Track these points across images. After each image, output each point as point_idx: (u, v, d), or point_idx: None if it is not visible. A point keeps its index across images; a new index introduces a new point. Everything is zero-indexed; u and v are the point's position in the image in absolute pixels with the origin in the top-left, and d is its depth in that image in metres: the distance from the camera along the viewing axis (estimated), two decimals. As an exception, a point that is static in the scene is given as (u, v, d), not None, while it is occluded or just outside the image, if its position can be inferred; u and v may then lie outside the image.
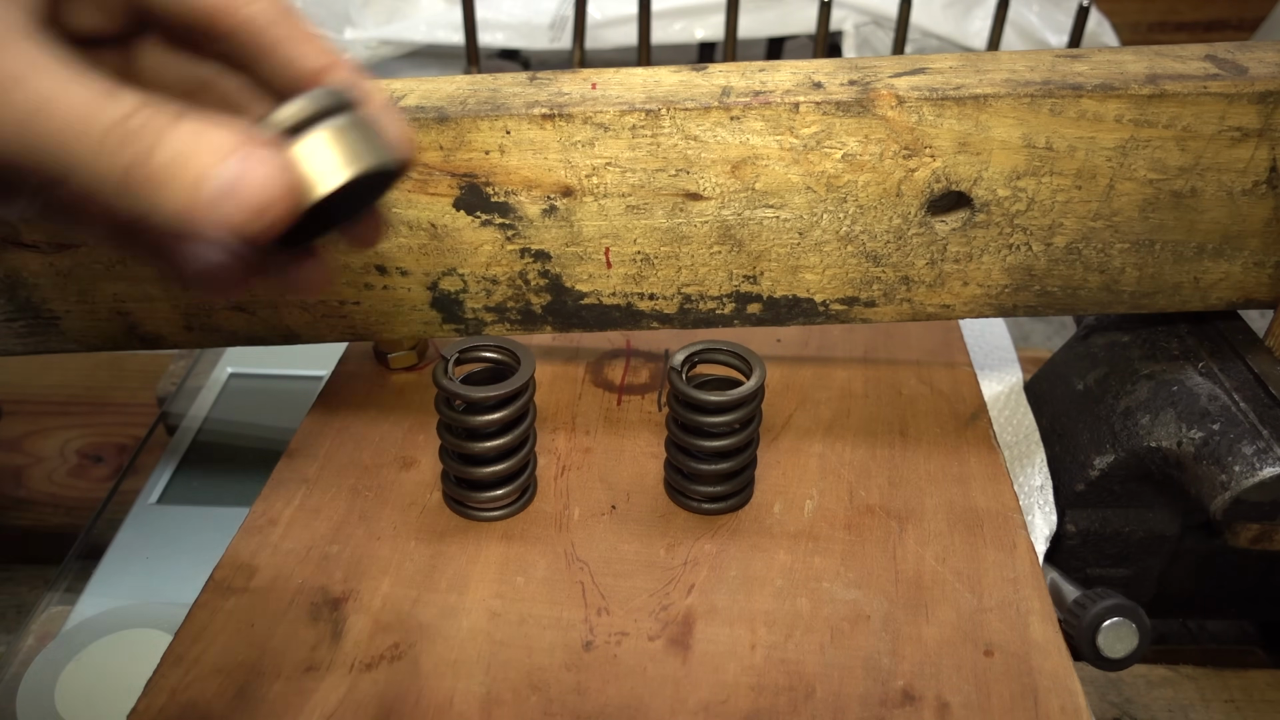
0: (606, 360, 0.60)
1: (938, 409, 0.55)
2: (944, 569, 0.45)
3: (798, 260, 0.49)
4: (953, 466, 0.51)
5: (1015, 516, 0.48)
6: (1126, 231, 0.49)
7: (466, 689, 0.40)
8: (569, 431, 0.54)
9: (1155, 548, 0.59)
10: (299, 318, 0.51)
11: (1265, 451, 0.47)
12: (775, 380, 0.57)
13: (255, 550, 0.46)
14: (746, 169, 0.47)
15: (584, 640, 0.42)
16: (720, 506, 0.48)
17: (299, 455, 0.52)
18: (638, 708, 0.39)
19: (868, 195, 0.47)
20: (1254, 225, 0.49)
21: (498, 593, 0.44)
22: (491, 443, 0.46)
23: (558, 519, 0.48)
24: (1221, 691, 0.63)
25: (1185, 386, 0.53)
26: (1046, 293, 0.51)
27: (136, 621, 0.62)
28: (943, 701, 0.39)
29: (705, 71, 0.48)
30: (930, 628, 0.42)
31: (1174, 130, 0.46)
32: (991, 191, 0.47)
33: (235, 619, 0.43)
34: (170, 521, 0.70)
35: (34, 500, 1.02)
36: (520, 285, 0.50)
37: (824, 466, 0.51)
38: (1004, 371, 0.66)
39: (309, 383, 0.84)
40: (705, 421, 0.45)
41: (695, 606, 0.43)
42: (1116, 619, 0.52)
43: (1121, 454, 0.55)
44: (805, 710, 0.39)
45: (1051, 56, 0.48)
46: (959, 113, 0.45)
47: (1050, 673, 0.40)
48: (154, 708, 0.39)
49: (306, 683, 0.40)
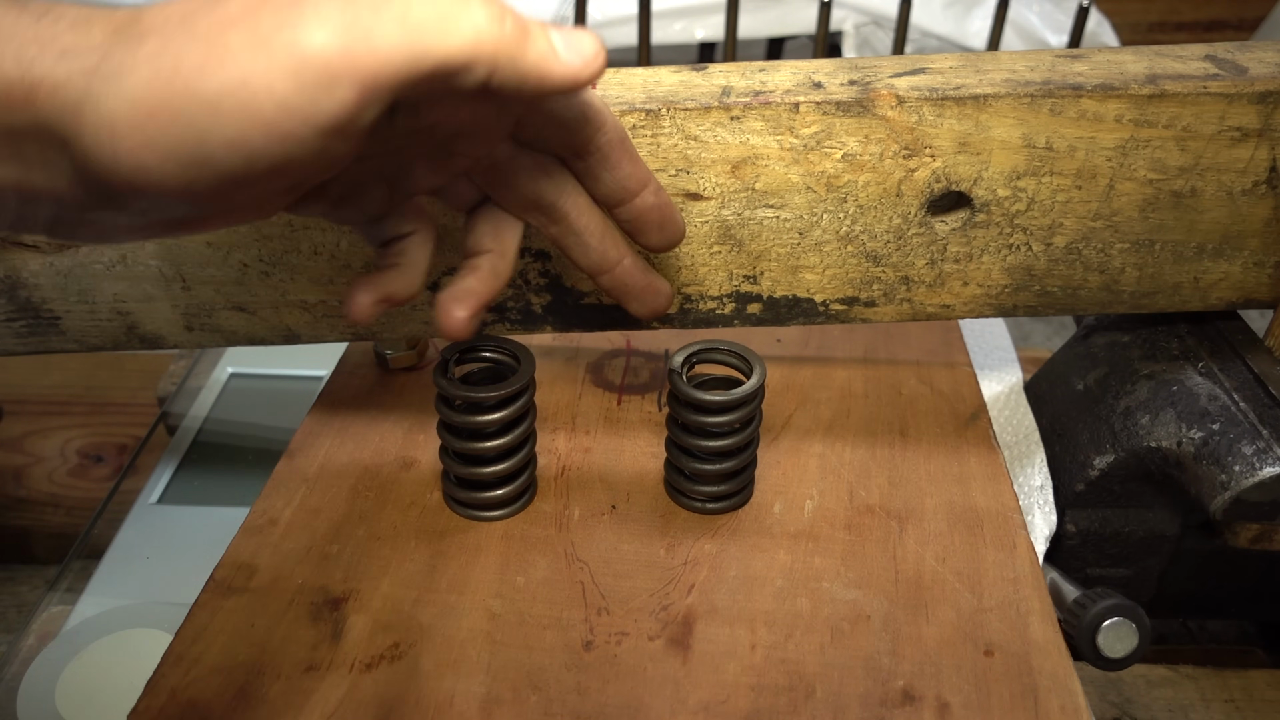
0: (606, 360, 0.60)
1: (938, 409, 0.55)
2: (944, 569, 0.45)
3: (798, 260, 0.49)
4: (953, 466, 0.51)
5: (1015, 516, 0.48)
6: (1126, 231, 0.49)
7: (466, 689, 0.40)
8: (569, 431, 0.54)
9: (1155, 548, 0.59)
10: (299, 318, 0.51)
11: (1265, 451, 0.47)
12: (775, 380, 0.57)
13: (255, 550, 0.46)
14: (746, 169, 0.47)
15: (584, 640, 0.42)
16: (720, 506, 0.48)
17: (299, 455, 0.52)
18: (638, 708, 0.39)
19: (868, 195, 0.47)
20: (1254, 225, 0.49)
21: (498, 593, 0.44)
22: (491, 443, 0.46)
23: (558, 519, 0.48)
24: (1221, 691, 0.63)
25: (1185, 386, 0.53)
26: (1046, 293, 0.51)
27: (136, 621, 0.62)
28: (943, 701, 0.39)
29: (705, 71, 0.48)
30: (930, 628, 0.42)
31: (1174, 130, 0.46)
32: (991, 191, 0.47)
33: (235, 619, 0.43)
34: (170, 521, 0.70)
35: (34, 500, 1.03)
36: (520, 285, 0.50)
37: (824, 466, 0.51)
38: (1004, 371, 0.66)
39: (309, 383, 0.84)
40: (705, 421, 0.45)
41: (695, 606, 0.43)
42: (1116, 619, 0.52)
43: (1121, 454, 0.55)
44: (805, 710, 0.39)
45: (1051, 56, 0.48)
46: (959, 113, 0.45)
47: (1050, 673, 0.40)
48: (154, 708, 0.39)
49: (306, 683, 0.40)
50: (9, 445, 1.02)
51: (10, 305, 0.50)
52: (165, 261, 0.48)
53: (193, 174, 0.26)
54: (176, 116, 0.26)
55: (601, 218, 0.40)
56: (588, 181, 0.39)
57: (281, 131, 0.26)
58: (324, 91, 0.26)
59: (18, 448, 1.02)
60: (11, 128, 0.26)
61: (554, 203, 0.38)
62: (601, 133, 0.37)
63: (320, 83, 0.26)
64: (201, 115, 0.26)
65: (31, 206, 0.29)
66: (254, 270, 0.49)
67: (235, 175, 0.27)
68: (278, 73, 0.26)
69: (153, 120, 0.25)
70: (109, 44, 0.26)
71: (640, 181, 0.39)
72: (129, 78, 0.26)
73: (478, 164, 0.37)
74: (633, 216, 0.39)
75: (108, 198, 0.28)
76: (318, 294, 0.50)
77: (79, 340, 0.51)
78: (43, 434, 1.03)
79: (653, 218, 0.40)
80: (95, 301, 0.50)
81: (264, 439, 0.79)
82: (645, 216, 0.39)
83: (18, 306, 0.50)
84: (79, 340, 0.51)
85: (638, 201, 0.39)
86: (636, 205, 0.39)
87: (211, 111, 0.26)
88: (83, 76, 0.26)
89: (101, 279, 0.49)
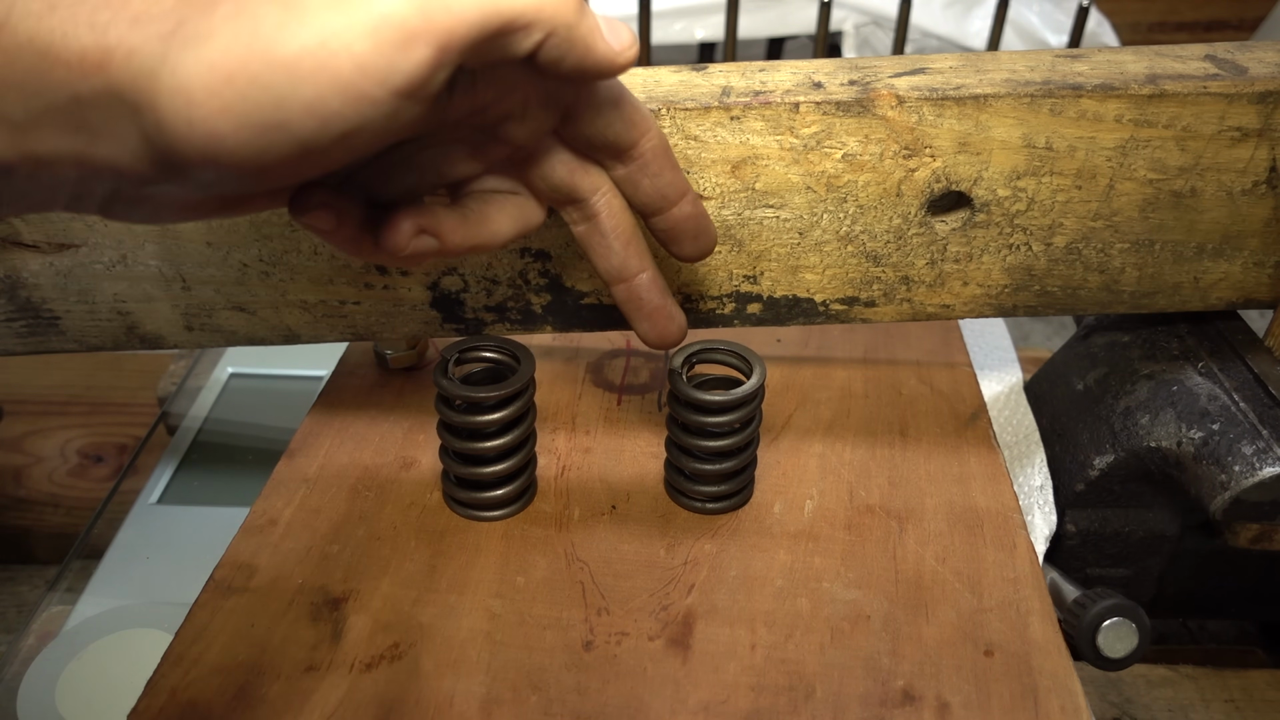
0: (606, 360, 0.60)
1: (938, 409, 0.55)
2: (944, 569, 0.45)
3: (798, 260, 0.49)
4: (953, 466, 0.51)
5: (1015, 516, 0.48)
6: (1126, 231, 0.49)
7: (466, 689, 0.40)
8: (569, 431, 0.54)
9: (1155, 548, 0.59)
10: (299, 318, 0.51)
11: (1265, 451, 0.47)
12: (775, 380, 0.57)
13: (255, 550, 0.46)
14: (746, 169, 0.47)
15: (584, 640, 0.42)
16: (720, 506, 0.48)
17: (299, 455, 0.52)
18: (638, 708, 0.39)
19: (868, 195, 0.47)
20: (1254, 225, 0.49)
21: (498, 593, 0.44)
22: (491, 443, 0.46)
23: (558, 519, 0.48)
24: (1221, 691, 0.63)
25: (1185, 386, 0.53)
26: (1046, 293, 0.51)
27: (136, 621, 0.62)
28: (943, 701, 0.39)
29: (705, 71, 0.48)
30: (930, 628, 0.42)
31: (1174, 130, 0.46)
32: (991, 191, 0.47)
33: (235, 619, 0.43)
34: (170, 521, 0.70)
35: (34, 500, 1.02)
36: (520, 285, 0.50)
37: (824, 466, 0.51)
38: (1004, 371, 0.66)
39: (309, 383, 0.84)
40: (705, 421, 0.45)
41: (695, 606, 0.43)
42: (1116, 619, 0.52)
43: (1121, 454, 0.55)
44: (805, 710, 0.39)
45: (1051, 56, 0.48)
46: (959, 113, 0.45)
47: (1050, 673, 0.40)
48: (154, 708, 0.39)
49: (306, 683, 0.40)
50: (9, 445, 1.02)
51: (10, 305, 0.50)
52: (165, 261, 0.48)
53: (266, 140, 0.26)
54: (254, 80, 0.25)
55: (631, 224, 0.40)
56: (627, 188, 0.39)
57: (357, 92, 0.26)
58: (401, 51, 0.26)
59: (18, 448, 1.02)
60: (80, 95, 0.26)
61: (587, 199, 0.38)
62: (646, 138, 0.37)
63: (398, 42, 0.26)
64: (279, 78, 0.25)
65: (90, 182, 0.29)
66: (254, 270, 0.49)
67: (307, 141, 0.27)
68: (356, 32, 0.26)
69: (230, 85, 0.25)
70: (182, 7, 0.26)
71: (679, 191, 0.39)
72: (206, 42, 0.25)
73: (517, 153, 0.37)
74: (668, 226, 0.40)
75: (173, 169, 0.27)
76: (318, 294, 0.50)
77: (79, 340, 0.51)
78: (43, 434, 1.02)
79: (688, 227, 0.40)
80: (95, 301, 0.50)
81: (264, 439, 0.79)
82: (681, 226, 0.40)
83: (18, 306, 0.50)
84: (79, 340, 0.51)
85: (675, 211, 0.39)
86: (673, 215, 0.39)
87: (289, 74, 0.25)
88: (159, 41, 0.25)
89: (101, 279, 0.49)
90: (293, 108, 0.26)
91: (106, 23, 0.26)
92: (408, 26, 0.26)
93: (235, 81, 0.25)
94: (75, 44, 0.25)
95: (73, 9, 0.25)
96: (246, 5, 0.26)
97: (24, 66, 0.25)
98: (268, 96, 0.26)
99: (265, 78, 0.25)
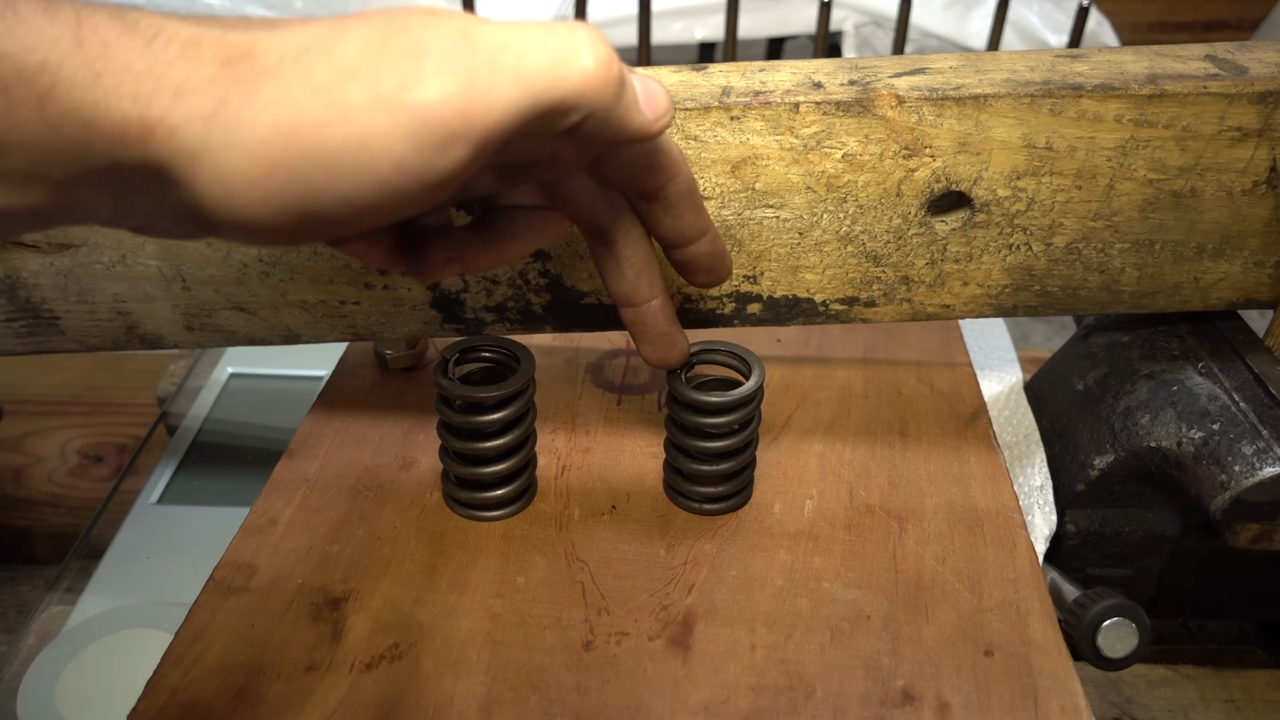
0: (606, 360, 0.60)
1: (938, 409, 0.55)
2: (944, 569, 0.45)
3: (798, 260, 0.49)
4: (953, 466, 0.51)
5: (1015, 516, 0.48)
6: (1126, 231, 0.49)
7: (466, 689, 0.40)
8: (569, 431, 0.54)
9: (1155, 548, 0.59)
10: (299, 318, 0.51)
11: (1265, 451, 0.47)
12: (775, 380, 0.57)
13: (255, 550, 0.46)
14: (746, 169, 0.47)
15: (584, 640, 0.42)
16: (720, 507, 0.48)
17: (299, 455, 0.52)
18: (638, 708, 0.39)
19: (868, 195, 0.47)
20: (1254, 225, 0.49)
21: (498, 593, 0.44)
22: (491, 443, 0.46)
23: (558, 519, 0.48)
24: (1221, 691, 0.63)
25: (1185, 386, 0.53)
26: (1046, 293, 0.51)
27: (136, 621, 0.62)
28: (943, 701, 0.39)
29: (705, 71, 0.48)
30: (930, 628, 0.42)
31: (1174, 130, 0.46)
32: (991, 191, 0.47)
33: (235, 619, 0.43)
34: (170, 521, 0.70)
35: (34, 500, 1.03)
36: (520, 285, 0.50)
37: (824, 466, 0.51)
38: (1004, 371, 0.66)
39: (309, 383, 0.84)
40: (704, 422, 0.45)
41: (695, 606, 0.43)
42: (1116, 619, 0.52)
43: (1121, 454, 0.55)
44: (805, 710, 0.39)
45: (1051, 56, 0.48)
46: (959, 113, 0.45)
47: (1050, 673, 0.40)
48: (154, 708, 0.39)
49: (306, 683, 0.40)
50: (9, 445, 1.02)
51: (10, 305, 0.50)
52: (165, 262, 0.48)
53: (300, 224, 0.27)
54: (293, 173, 0.26)
55: (648, 253, 0.40)
56: (648, 222, 0.39)
57: (394, 188, 0.27)
58: (440, 152, 0.27)
59: (18, 448, 1.02)
60: (120, 162, 0.26)
61: (607, 227, 0.39)
62: (673, 183, 0.37)
63: (438, 144, 0.27)
64: (318, 174, 0.26)
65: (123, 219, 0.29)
66: (254, 270, 0.49)
67: (340, 223, 0.27)
68: (398, 134, 0.26)
69: (270, 178, 0.26)
70: (225, 83, 0.26)
71: (699, 231, 0.39)
72: (247, 131, 0.26)
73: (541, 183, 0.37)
74: (685, 260, 0.40)
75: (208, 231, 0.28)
76: (318, 294, 0.50)
77: (79, 340, 0.51)
78: (43, 434, 1.02)
79: (703, 263, 0.41)
80: (95, 301, 0.50)
81: (264, 439, 0.79)
82: (696, 262, 0.40)
83: (18, 306, 0.50)
84: (79, 340, 0.51)
85: (692, 249, 0.40)
86: (690, 251, 0.40)
87: (328, 170, 0.26)
88: (201, 123, 0.26)
89: (101, 279, 0.49)
90: (328, 199, 0.27)
91: (149, 94, 0.25)
92: (449, 129, 0.27)
93: (275, 174, 0.26)
94: (118, 115, 0.25)
95: (116, 78, 0.25)
96: (290, 92, 0.26)
97: (67, 135, 0.25)
98: (306, 189, 0.26)
99: (304, 173, 0.26)
